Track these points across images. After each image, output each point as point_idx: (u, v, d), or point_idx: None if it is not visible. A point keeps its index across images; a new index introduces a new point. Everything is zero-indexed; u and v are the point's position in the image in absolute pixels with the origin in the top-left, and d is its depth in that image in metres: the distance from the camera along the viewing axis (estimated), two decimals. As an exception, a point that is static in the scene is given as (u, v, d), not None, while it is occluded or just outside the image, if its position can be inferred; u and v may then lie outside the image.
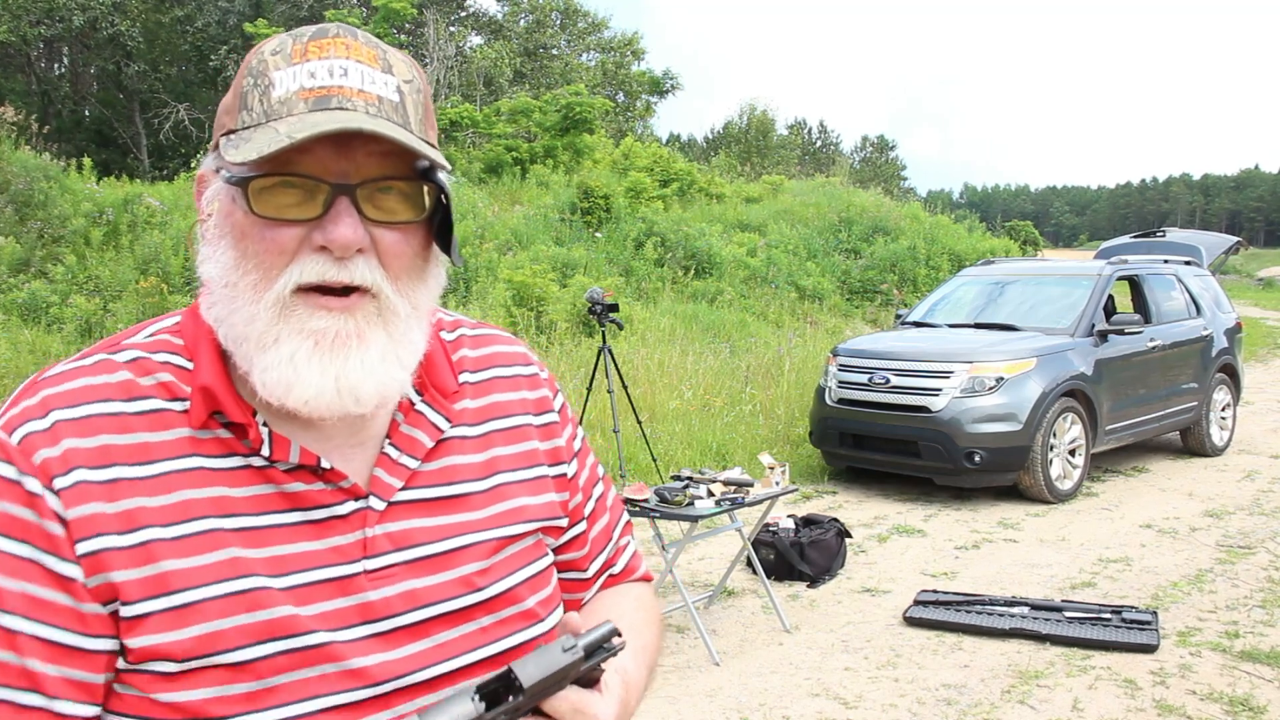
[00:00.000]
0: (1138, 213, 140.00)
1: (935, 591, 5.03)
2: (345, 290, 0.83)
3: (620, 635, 0.82)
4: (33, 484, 0.79)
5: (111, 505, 0.80)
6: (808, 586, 5.31)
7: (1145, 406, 7.98)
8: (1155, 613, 4.61)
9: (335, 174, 0.81)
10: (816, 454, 8.04)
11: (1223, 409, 8.90)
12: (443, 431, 0.94)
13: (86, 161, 12.93)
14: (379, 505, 0.88)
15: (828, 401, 7.59)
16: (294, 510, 0.85)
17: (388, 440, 0.91)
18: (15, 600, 0.78)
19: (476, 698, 0.75)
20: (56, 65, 27.90)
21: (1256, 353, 16.39)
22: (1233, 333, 9.14)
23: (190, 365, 0.86)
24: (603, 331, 6.37)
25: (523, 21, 30.72)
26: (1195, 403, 8.48)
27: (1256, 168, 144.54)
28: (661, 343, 10.29)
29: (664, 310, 12.17)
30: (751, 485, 4.69)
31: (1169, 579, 5.32)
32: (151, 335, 0.89)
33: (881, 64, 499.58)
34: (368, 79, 0.82)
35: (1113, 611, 4.64)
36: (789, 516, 5.76)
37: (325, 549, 0.86)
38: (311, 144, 0.79)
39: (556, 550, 1.04)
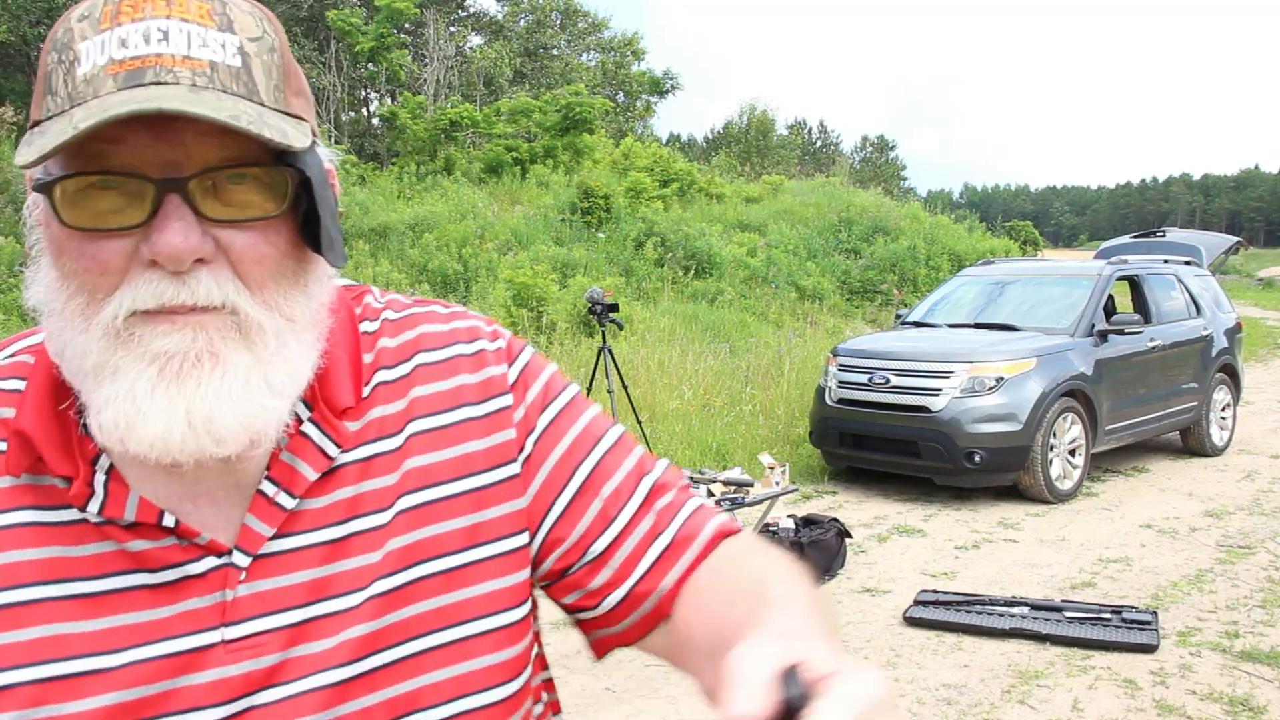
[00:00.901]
0: (1138, 213, 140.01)
1: (935, 591, 5.03)
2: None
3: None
4: None
5: None
6: (808, 586, 5.31)
7: (1145, 406, 7.98)
8: (1155, 613, 4.61)
9: (161, 166, 0.63)
10: (816, 454, 8.04)
11: (1223, 409, 8.91)
12: (331, 459, 0.74)
13: (87, 161, 12.93)
14: (243, 561, 0.71)
15: (828, 401, 7.59)
16: (139, 571, 0.70)
17: (266, 475, 0.72)
18: None
19: None
20: (57, 65, 27.93)
21: (1256, 353, 16.39)
22: (1233, 333, 9.14)
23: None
24: (603, 331, 6.37)
25: (523, 21, 30.74)
26: (1195, 403, 8.48)
27: (1256, 168, 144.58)
28: (661, 343, 10.30)
29: (664, 310, 12.17)
30: (751, 485, 4.70)
31: (1169, 579, 5.33)
32: (11, 356, 0.75)
33: (881, 64, 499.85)
34: (196, 41, 0.64)
35: (1113, 611, 4.64)
36: (789, 516, 5.77)
37: (175, 616, 0.70)
38: (124, 132, 0.62)
39: (544, 577, 0.81)
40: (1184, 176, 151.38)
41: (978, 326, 8.08)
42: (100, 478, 0.70)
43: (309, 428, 0.74)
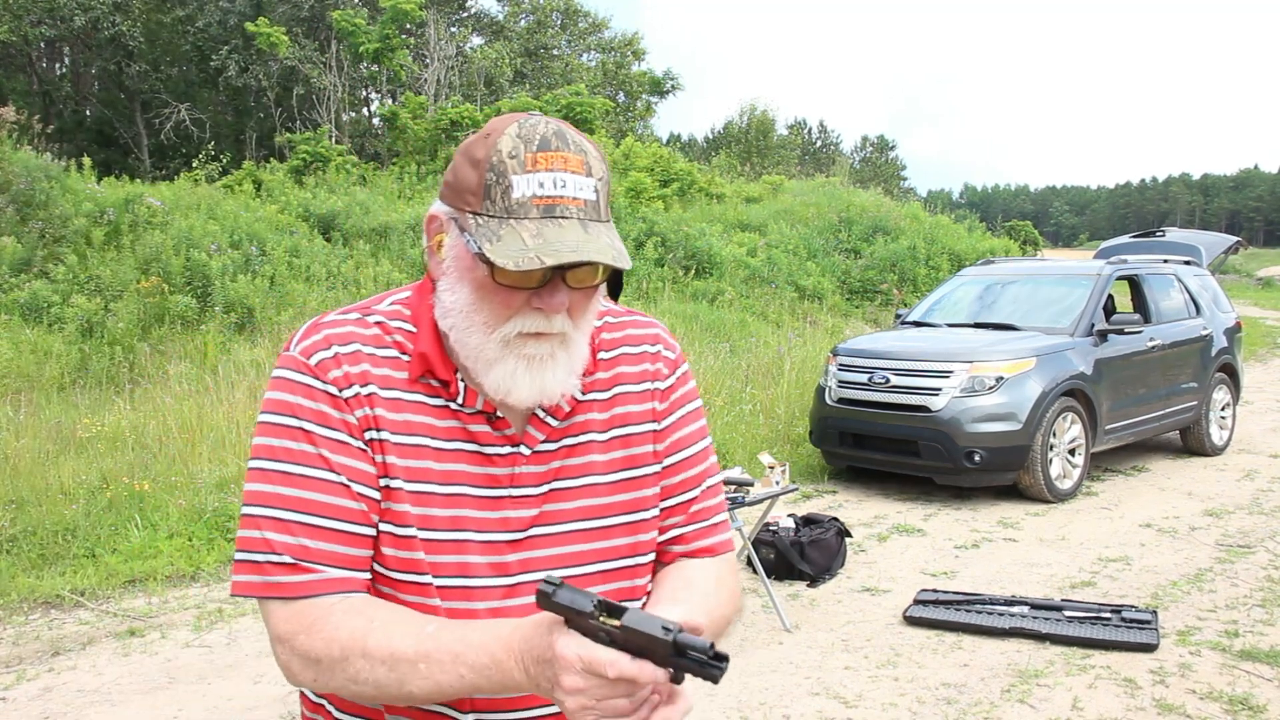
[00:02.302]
0: (1137, 213, 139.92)
1: (935, 591, 5.04)
2: None
3: (725, 660, 0.93)
4: (333, 389, 1.15)
5: (368, 410, 1.16)
6: (808, 586, 5.32)
7: (1145, 406, 7.99)
8: (1155, 612, 4.62)
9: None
10: (816, 453, 8.05)
11: (1222, 408, 8.91)
12: (578, 399, 1.24)
13: (87, 161, 12.92)
14: (526, 451, 1.21)
15: (828, 401, 7.60)
16: (471, 443, 1.19)
17: (541, 405, 1.20)
18: (336, 450, 1.15)
19: (595, 602, 0.95)
20: (58, 65, 27.90)
21: (1256, 352, 16.40)
22: (1232, 332, 9.15)
23: (414, 329, 1.21)
24: (603, 331, 6.38)
25: (523, 22, 30.72)
26: (1195, 402, 8.49)
27: (1256, 168, 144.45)
28: (662, 342, 10.28)
29: (664, 310, 12.18)
30: (751, 485, 4.70)
31: (1168, 578, 5.33)
32: (391, 304, 1.24)
33: (881, 64, 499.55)
34: (578, 187, 1.10)
35: (1112, 611, 4.65)
36: (789, 516, 5.77)
37: (483, 474, 1.19)
38: None
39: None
40: (1183, 176, 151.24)
41: (977, 326, 8.09)
42: (461, 385, 1.19)
43: None
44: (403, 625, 1.09)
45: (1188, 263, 9.44)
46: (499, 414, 1.19)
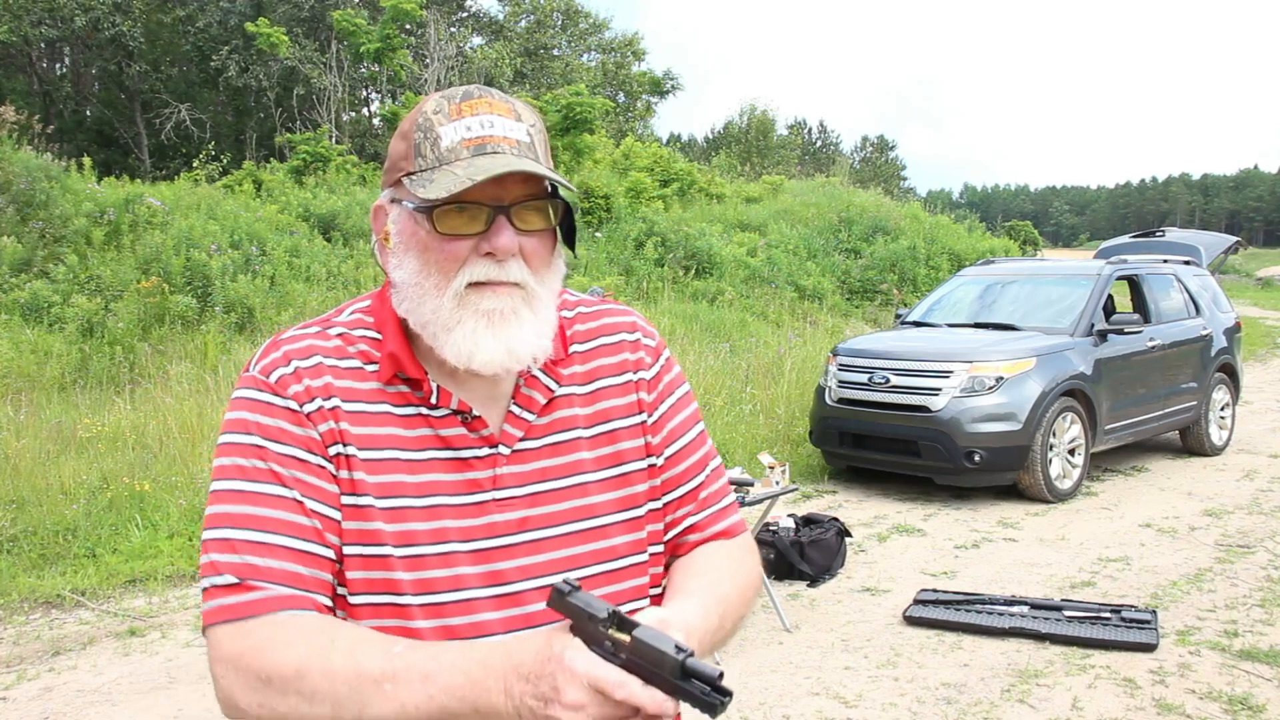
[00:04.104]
0: (1137, 213, 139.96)
1: (935, 590, 5.05)
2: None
3: (728, 695, 0.90)
4: (294, 404, 1.10)
5: (333, 424, 1.11)
6: (808, 586, 5.32)
7: (1144, 406, 7.99)
8: (1155, 612, 4.63)
9: (493, 199, 1.08)
10: (816, 453, 8.05)
11: (1222, 408, 8.92)
12: (553, 391, 1.19)
13: (87, 161, 12.92)
14: (506, 451, 1.15)
15: (828, 401, 7.60)
16: (445, 449, 1.14)
17: (513, 400, 1.17)
18: (290, 465, 1.09)
19: (608, 612, 0.93)
20: (58, 65, 27.91)
21: (1255, 352, 16.40)
22: (1232, 332, 9.15)
23: (379, 337, 1.16)
24: (603, 331, 6.38)
25: (523, 22, 30.74)
26: (1194, 402, 8.49)
27: (1255, 168, 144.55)
28: (662, 342, 10.28)
29: (664, 310, 12.18)
30: (752, 485, 4.71)
31: (1168, 578, 5.34)
32: (351, 314, 1.20)
33: (882, 64, 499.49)
34: (507, 128, 1.10)
35: (1112, 611, 4.66)
36: (789, 516, 5.78)
37: (462, 480, 1.14)
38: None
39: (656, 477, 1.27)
40: (1183, 176, 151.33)
41: (977, 326, 8.09)
42: (434, 385, 1.14)
43: (537, 372, 1.19)
44: (367, 643, 1.02)
45: (1187, 263, 9.44)
46: (475, 413, 1.14)
